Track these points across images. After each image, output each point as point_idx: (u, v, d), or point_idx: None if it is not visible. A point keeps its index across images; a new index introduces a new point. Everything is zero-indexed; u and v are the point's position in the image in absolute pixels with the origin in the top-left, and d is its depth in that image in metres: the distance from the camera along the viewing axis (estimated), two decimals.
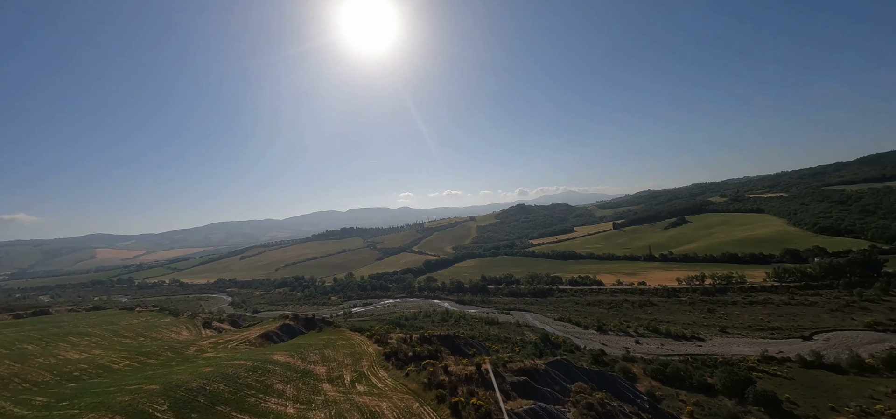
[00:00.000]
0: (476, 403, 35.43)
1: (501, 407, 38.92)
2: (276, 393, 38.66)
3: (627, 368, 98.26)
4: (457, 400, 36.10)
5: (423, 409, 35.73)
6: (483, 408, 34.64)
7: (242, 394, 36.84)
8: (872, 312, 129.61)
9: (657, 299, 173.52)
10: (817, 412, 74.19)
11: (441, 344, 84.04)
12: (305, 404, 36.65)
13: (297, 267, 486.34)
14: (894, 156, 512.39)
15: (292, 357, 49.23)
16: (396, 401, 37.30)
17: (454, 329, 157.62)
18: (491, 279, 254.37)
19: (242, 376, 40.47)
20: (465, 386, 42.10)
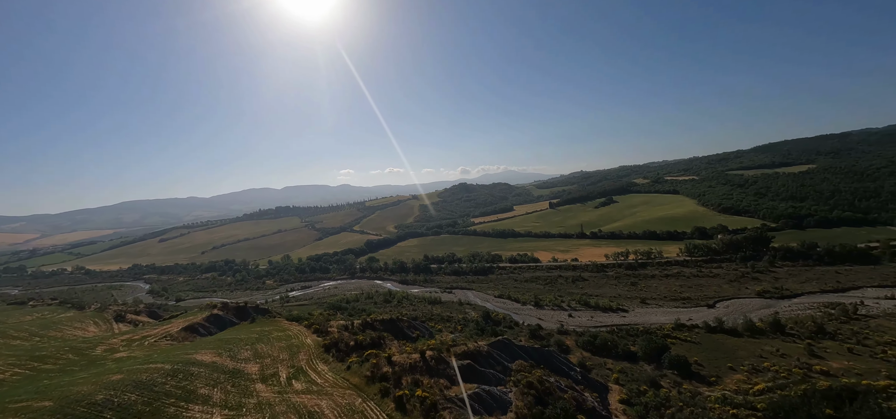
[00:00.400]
0: (421, 395, 35.04)
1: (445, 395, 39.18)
2: (200, 399, 34.90)
3: (562, 341, 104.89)
4: (401, 393, 35.43)
5: (366, 405, 34.58)
6: (428, 400, 34.38)
7: (160, 404, 32.66)
8: (762, 282, 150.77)
9: (588, 274, 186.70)
10: (719, 371, 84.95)
11: (384, 329, 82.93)
12: (235, 410, 33.54)
13: (227, 249, 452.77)
14: (783, 145, 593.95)
15: (220, 355, 45.03)
16: (338, 399, 35.66)
17: (397, 310, 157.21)
18: (433, 258, 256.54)
19: (160, 382, 35.94)
20: (410, 375, 41.61)
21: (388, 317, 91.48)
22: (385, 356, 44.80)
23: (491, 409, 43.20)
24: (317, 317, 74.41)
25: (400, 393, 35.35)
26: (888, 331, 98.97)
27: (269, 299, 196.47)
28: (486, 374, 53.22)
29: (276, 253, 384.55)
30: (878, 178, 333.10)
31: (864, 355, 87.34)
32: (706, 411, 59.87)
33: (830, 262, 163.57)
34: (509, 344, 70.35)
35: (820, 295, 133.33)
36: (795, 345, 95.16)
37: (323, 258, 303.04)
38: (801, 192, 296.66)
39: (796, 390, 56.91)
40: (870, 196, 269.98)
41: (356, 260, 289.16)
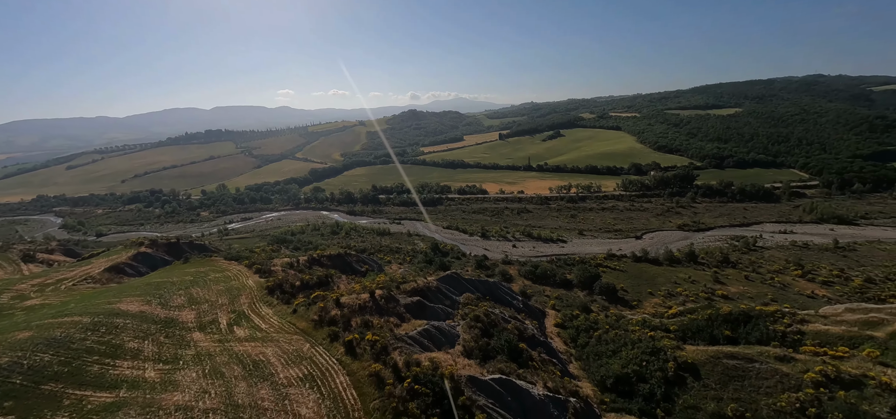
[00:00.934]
0: (371, 339, 35.49)
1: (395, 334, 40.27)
2: (129, 354, 32.47)
3: (506, 271, 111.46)
4: (351, 337, 35.61)
5: (314, 351, 34.44)
6: (379, 343, 34.99)
7: (81, 364, 29.93)
8: (683, 216, 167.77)
9: (532, 207, 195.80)
10: (640, 297, 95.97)
11: (332, 265, 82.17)
12: (171, 363, 31.74)
13: (151, 178, 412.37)
14: (717, 88, 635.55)
15: (148, 303, 41.69)
16: (284, 345, 35.08)
17: (345, 243, 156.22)
18: (382, 189, 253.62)
19: (79, 338, 32.68)
20: (360, 316, 41.90)
21: (336, 253, 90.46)
22: (333, 298, 44.40)
23: (440, 344, 45.41)
24: (259, 256, 71.22)
25: (350, 337, 35.57)
26: (777, 261, 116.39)
27: (206, 233, 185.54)
28: (435, 310, 55.30)
29: (208, 182, 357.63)
30: (790, 124, 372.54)
31: (757, 282, 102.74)
32: (628, 333, 67.61)
33: (741, 200, 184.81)
34: (457, 278, 73.14)
35: (729, 229, 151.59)
36: (704, 272, 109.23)
37: (264, 188, 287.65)
38: (725, 134, 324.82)
39: (702, 314, 65.86)
40: (781, 140, 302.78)
41: (300, 190, 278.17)
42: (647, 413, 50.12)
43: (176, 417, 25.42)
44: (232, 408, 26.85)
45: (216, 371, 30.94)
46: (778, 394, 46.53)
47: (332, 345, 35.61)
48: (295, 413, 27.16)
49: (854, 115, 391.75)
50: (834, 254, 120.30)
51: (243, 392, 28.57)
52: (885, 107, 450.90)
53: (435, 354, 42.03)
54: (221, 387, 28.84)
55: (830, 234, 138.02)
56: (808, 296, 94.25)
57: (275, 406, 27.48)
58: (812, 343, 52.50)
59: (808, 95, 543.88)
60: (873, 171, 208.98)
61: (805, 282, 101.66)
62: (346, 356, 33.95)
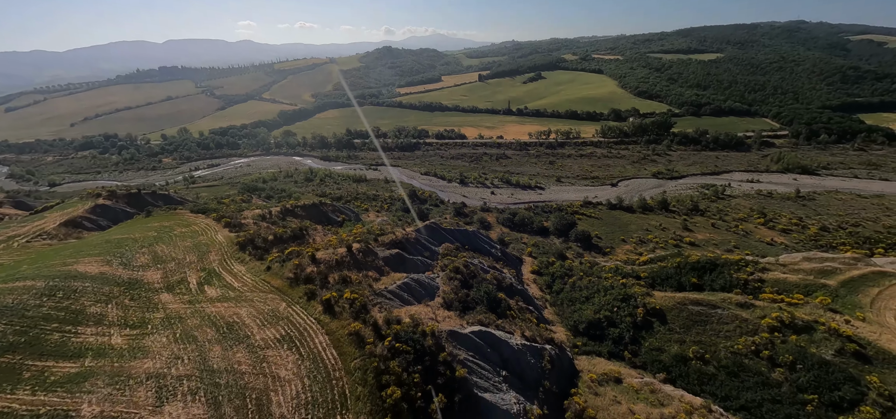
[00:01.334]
0: (350, 297, 35.21)
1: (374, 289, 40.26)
2: (92, 319, 30.89)
3: (484, 219, 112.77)
4: (329, 295, 35.14)
5: (291, 310, 33.96)
6: (358, 301, 34.80)
7: (39, 332, 28.24)
8: (658, 164, 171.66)
9: (511, 152, 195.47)
10: (613, 243, 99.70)
11: (307, 216, 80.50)
12: (139, 327, 30.47)
13: (104, 121, 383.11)
14: (701, 31, 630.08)
15: (109, 264, 39.30)
16: (259, 305, 34.33)
17: (320, 190, 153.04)
18: (357, 133, 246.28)
19: (33, 305, 30.63)
20: (337, 272, 41.43)
21: (310, 202, 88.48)
22: (309, 253, 43.36)
23: (420, 297, 45.94)
24: (228, 207, 68.35)
25: (327, 295, 35.12)
26: (742, 210, 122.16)
27: (170, 181, 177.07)
28: (414, 262, 55.52)
29: (168, 125, 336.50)
30: (768, 71, 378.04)
31: (722, 229, 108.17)
32: (601, 280, 70.54)
33: (714, 149, 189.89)
34: (436, 228, 73.25)
35: (701, 177, 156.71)
36: (674, 220, 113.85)
37: (230, 132, 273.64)
38: (705, 81, 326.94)
39: (671, 262, 69.11)
40: (758, 89, 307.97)
41: (270, 134, 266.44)
42: (616, 355, 53.44)
43: (148, 386, 24.86)
44: (207, 373, 26.50)
45: (188, 335, 30.13)
46: (736, 337, 50.17)
47: (310, 303, 35.21)
48: (274, 375, 27.13)
49: (829, 64, 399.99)
50: (794, 204, 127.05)
51: (218, 356, 28.12)
52: (860, 57, 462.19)
53: (415, 308, 42.53)
54: (195, 352, 28.20)
55: (793, 184, 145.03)
56: (767, 244, 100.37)
57: (253, 369, 27.31)
58: (771, 290, 56.18)
59: (789, 43, 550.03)
60: (839, 123, 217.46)
61: (766, 230, 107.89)
62: (325, 315, 33.74)
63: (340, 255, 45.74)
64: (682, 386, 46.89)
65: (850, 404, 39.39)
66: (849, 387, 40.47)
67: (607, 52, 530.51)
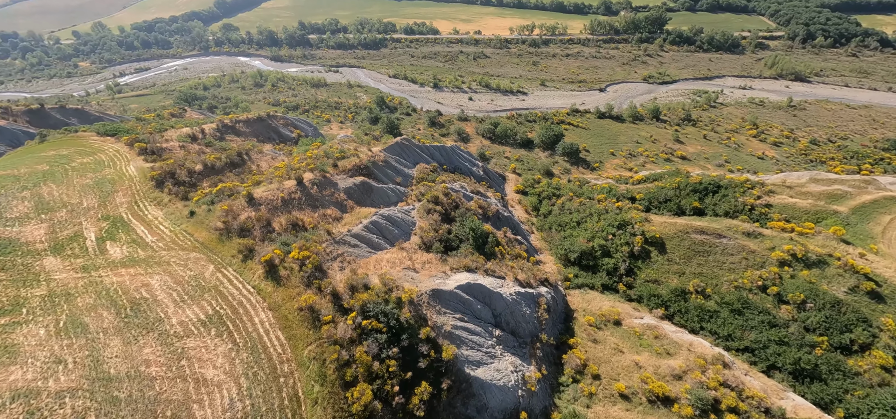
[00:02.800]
0: (300, 255, 27.80)
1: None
2: None
3: (462, 130, 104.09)
4: (271, 254, 27.55)
5: (221, 275, 26.30)
6: (310, 260, 27.54)
7: None
8: (649, 66, 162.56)
9: (490, 51, 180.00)
10: (602, 157, 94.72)
11: (252, 133, 69.58)
12: (8, 314, 22.03)
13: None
14: None
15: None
16: (177, 270, 26.24)
17: (273, 97, 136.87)
18: (312, 27, 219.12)
19: None
20: (284, 215, 33.42)
21: (256, 116, 76.62)
22: (245, 193, 34.47)
23: (392, 237, 39.38)
24: (146, 127, 56.09)
25: (268, 254, 27.38)
26: (734, 119, 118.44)
27: (91, 92, 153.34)
28: (383, 191, 48.06)
29: (79, 19, 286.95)
30: None
31: (714, 141, 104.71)
32: (592, 202, 66.00)
33: (707, 50, 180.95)
34: (409, 145, 64.82)
35: (693, 82, 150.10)
36: (665, 130, 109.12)
37: (157, 26, 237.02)
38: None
39: (670, 182, 64.79)
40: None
41: (206, 29, 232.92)
42: (610, 288, 50.46)
43: (13, 412, 17.50)
44: (101, 384, 19.21)
45: (76, 323, 22.22)
46: (741, 271, 47.47)
47: (246, 265, 27.72)
48: (198, 378, 20.42)
49: None
50: (786, 113, 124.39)
51: (118, 354, 20.82)
52: None
53: (388, 255, 36.08)
54: (84, 351, 20.57)
55: (785, 92, 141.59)
56: (758, 157, 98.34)
57: (167, 371, 20.37)
58: (779, 217, 53.01)
59: None
60: (837, 24, 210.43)
61: (757, 143, 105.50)
62: (267, 281, 26.55)
63: (289, 191, 37.48)
64: (679, 322, 44.73)
65: (861, 348, 37.78)
66: (861, 328, 38.70)
67: None
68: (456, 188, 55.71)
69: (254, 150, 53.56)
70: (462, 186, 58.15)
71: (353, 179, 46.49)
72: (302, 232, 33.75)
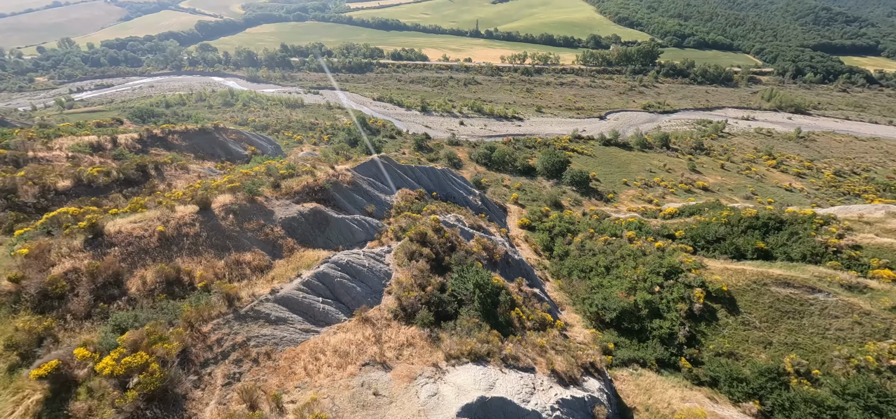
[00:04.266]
0: (133, 364, 11.39)
1: None
2: None
3: (453, 154, 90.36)
4: (52, 366, 11.52)
5: None
6: (150, 379, 11.78)
7: None
8: (646, 96, 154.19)
9: (481, 78, 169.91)
10: (614, 187, 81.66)
11: (190, 147, 54.23)
12: None
13: None
14: None
15: None
16: None
17: (242, 116, 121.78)
18: (296, 50, 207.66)
19: None
20: (156, 264, 18.09)
21: (197, 128, 61.13)
22: (88, 225, 18.91)
23: (353, 300, 23.87)
24: (24, 131, 40.20)
25: (47, 366, 11.40)
26: (747, 149, 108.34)
27: (39, 106, 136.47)
28: (345, 225, 32.66)
29: (53, 38, 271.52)
30: (745, 7, 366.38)
31: (733, 172, 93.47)
32: (620, 240, 51.77)
33: (702, 83, 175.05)
34: (388, 165, 50.06)
35: (693, 112, 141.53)
36: (678, 159, 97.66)
37: (129, 45, 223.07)
38: (686, 11, 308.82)
39: (716, 216, 51.15)
40: (738, 23, 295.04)
41: (182, 49, 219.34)
42: (668, 363, 35.61)
43: None
44: None
45: None
46: (857, 341, 33.05)
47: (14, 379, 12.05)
48: None
49: (803, 3, 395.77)
50: (797, 144, 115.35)
51: None
52: (821, 3, 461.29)
53: (336, 338, 20.49)
54: None
55: (790, 123, 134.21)
56: (786, 189, 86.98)
57: None
58: (878, 262, 39.27)
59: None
60: (822, 62, 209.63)
61: (779, 174, 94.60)
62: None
63: (178, 224, 22.02)
64: None
65: None
66: None
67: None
68: (450, 221, 40.80)
69: (173, 166, 38.10)
70: (458, 219, 43.27)
71: (301, 206, 31.09)
72: (182, 295, 18.04)
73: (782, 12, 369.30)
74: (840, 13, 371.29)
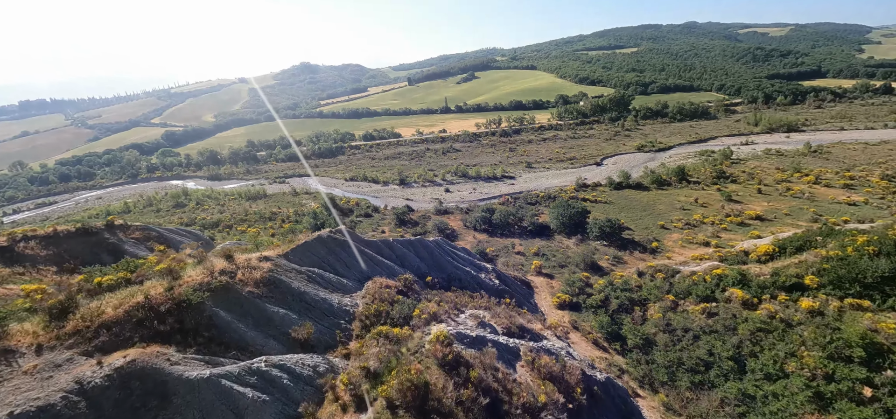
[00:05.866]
0: None
1: None
2: None
3: (444, 224, 71.52)
4: None
5: None
6: None
7: None
8: (634, 138, 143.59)
9: (460, 145, 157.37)
10: (650, 233, 63.47)
11: (59, 255, 33.68)
12: None
13: None
14: (615, 31, 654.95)
15: None
16: None
17: (193, 216, 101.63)
18: (263, 144, 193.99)
19: None
20: None
21: (75, 229, 41.10)
22: None
23: None
24: None
25: None
26: (770, 172, 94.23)
27: None
28: (218, 394, 11.58)
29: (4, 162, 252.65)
30: (686, 57, 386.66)
31: (774, 195, 77.65)
32: (735, 307, 32.27)
33: (682, 119, 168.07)
34: (345, 243, 30.22)
35: (688, 145, 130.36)
36: (706, 192, 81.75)
37: (85, 160, 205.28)
38: (639, 65, 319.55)
39: (851, 245, 32.61)
40: (688, 69, 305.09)
41: (142, 158, 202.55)
42: None
43: None
44: None
45: None
46: None
47: None
48: None
49: (737, 47, 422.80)
50: (815, 158, 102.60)
51: None
52: (753, 44, 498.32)
53: None
54: None
55: (791, 141, 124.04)
56: (849, 204, 70.99)
57: None
58: None
59: (691, 35, 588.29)
60: (784, 87, 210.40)
61: (824, 189, 79.24)
62: None
63: None
64: None
65: None
66: None
67: (534, 55, 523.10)
68: (469, 328, 20.56)
69: None
70: (482, 322, 22.86)
71: (97, 364, 10.04)
72: None
73: (723, 56, 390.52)
74: (773, 50, 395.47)
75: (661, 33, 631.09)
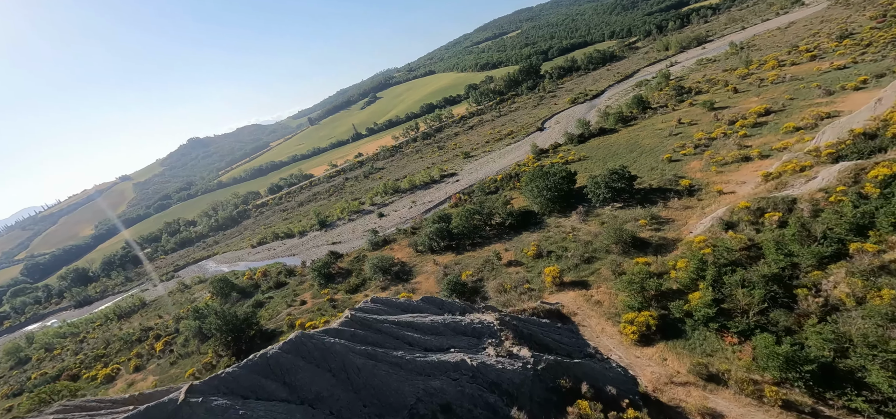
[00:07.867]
0: None
1: None
2: None
3: (386, 260, 47.76)
4: None
5: None
6: None
7: None
8: (561, 96, 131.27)
9: (382, 162, 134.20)
10: (662, 172, 45.61)
11: None
12: None
13: None
14: (494, 23, 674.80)
15: None
16: None
17: (29, 372, 66.37)
18: (149, 238, 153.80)
19: None
20: None
21: None
22: None
23: None
24: None
25: None
26: (722, 73, 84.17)
27: None
28: None
29: None
30: (567, 25, 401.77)
31: (754, 90, 65.53)
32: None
33: (595, 68, 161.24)
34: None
35: (617, 85, 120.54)
36: (678, 111, 67.53)
37: None
38: (530, 40, 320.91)
39: None
40: (577, 31, 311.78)
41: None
42: None
43: None
44: None
45: None
46: None
47: None
48: None
49: (605, 4, 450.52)
50: (753, 52, 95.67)
51: None
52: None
53: None
54: None
55: (709, 51, 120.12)
56: (838, 69, 60.01)
57: None
58: None
59: (561, 7, 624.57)
60: (669, 16, 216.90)
61: (796, 68, 68.66)
62: None
63: None
64: None
65: None
66: None
67: (426, 63, 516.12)
68: None
69: None
70: None
71: None
72: None
73: (596, 13, 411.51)
74: None
75: (535, 12, 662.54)
